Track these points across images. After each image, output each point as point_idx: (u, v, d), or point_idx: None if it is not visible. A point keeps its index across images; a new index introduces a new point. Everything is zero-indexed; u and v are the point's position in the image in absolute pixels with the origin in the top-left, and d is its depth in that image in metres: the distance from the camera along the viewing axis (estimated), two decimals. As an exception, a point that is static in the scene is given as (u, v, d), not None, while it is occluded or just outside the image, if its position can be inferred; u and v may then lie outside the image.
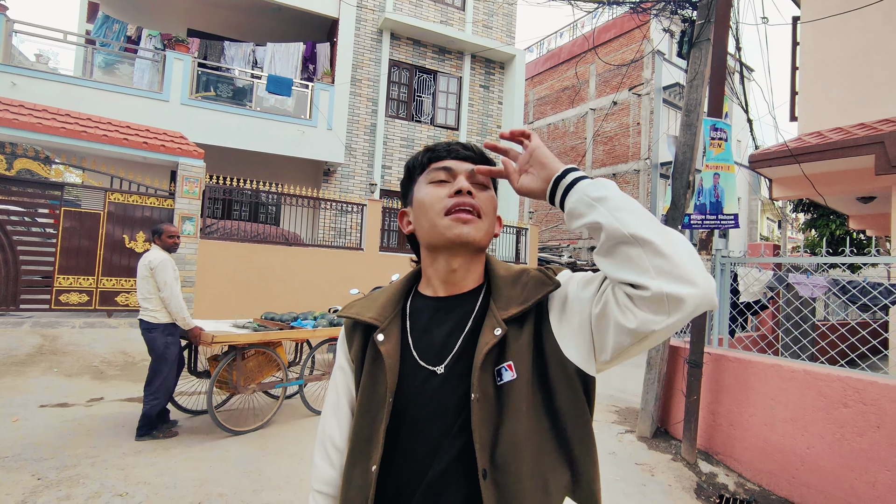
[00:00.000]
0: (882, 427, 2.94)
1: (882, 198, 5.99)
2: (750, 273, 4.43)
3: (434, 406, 0.77)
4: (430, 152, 0.88)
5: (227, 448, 3.55)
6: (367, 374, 0.83)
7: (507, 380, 0.74)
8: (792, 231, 22.57)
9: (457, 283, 0.85)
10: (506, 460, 0.71)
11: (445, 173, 0.85)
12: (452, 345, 0.80)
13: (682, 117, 4.64)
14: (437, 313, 0.84)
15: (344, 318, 0.89)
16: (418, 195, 0.86)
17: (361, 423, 0.81)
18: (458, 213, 0.80)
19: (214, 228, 7.52)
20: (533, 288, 0.79)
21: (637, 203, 0.70)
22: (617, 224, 0.66)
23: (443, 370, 0.79)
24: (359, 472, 0.79)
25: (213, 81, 9.01)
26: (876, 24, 5.42)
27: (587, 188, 0.71)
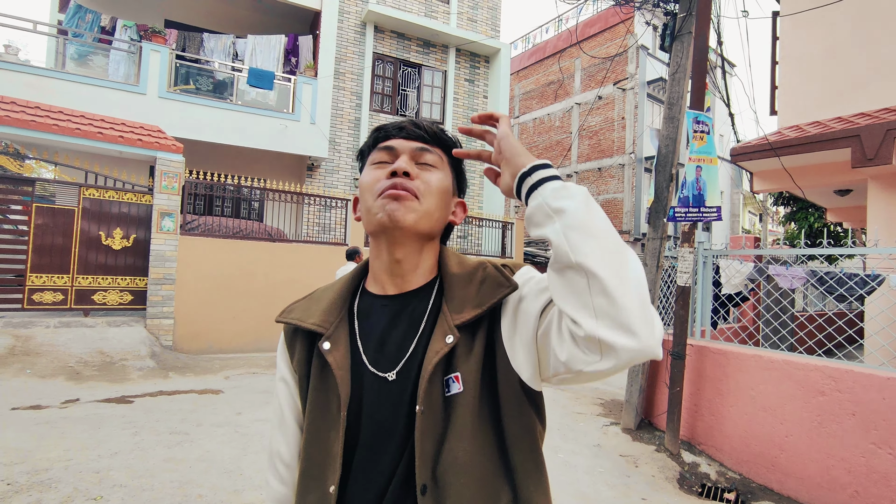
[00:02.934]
0: (857, 414, 2.99)
1: (858, 190, 6.11)
2: (731, 265, 4.48)
3: (388, 416, 0.71)
4: (378, 131, 0.81)
5: (209, 448, 3.49)
6: (315, 387, 0.75)
7: (454, 392, 0.69)
8: (772, 224, 23.01)
9: (404, 276, 0.77)
10: (447, 478, 0.66)
11: (388, 153, 0.78)
12: (405, 349, 0.74)
13: (665, 110, 4.66)
14: (387, 314, 0.77)
15: (283, 323, 0.80)
16: (361, 179, 0.80)
17: (312, 443, 0.74)
18: (389, 193, 0.73)
19: (195, 224, 7.37)
20: (488, 290, 0.73)
21: (600, 221, 0.61)
22: (566, 247, 0.59)
23: (394, 376, 0.72)
24: (316, 492, 0.72)
25: (192, 74, 8.81)
26: (852, 19, 5.50)
27: (549, 195, 0.63)
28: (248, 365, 6.47)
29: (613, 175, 16.28)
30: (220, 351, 7.11)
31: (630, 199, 15.68)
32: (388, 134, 0.80)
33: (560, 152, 18.04)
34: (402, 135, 0.79)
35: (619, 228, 15.79)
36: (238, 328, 7.28)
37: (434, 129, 0.82)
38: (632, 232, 15.48)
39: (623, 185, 15.91)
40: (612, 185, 16.28)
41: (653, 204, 4.71)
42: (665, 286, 4.99)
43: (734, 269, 4.51)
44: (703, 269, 4.43)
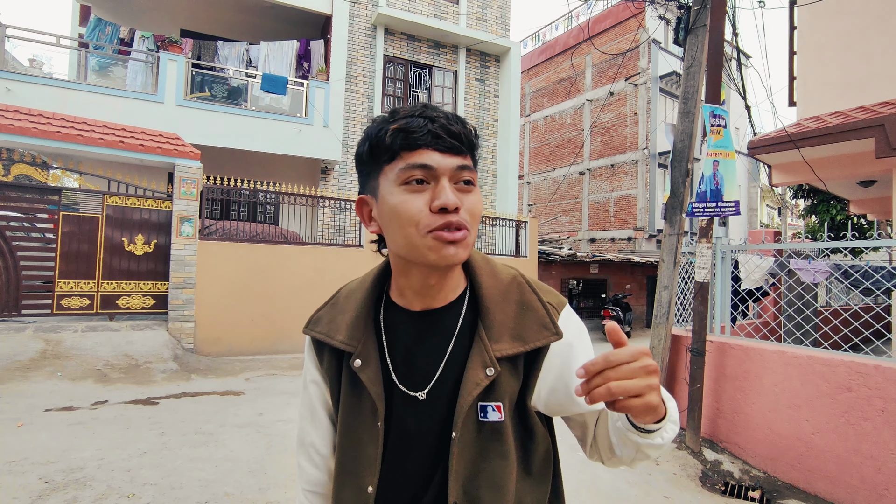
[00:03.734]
0: (887, 410, 2.93)
1: (883, 181, 5.97)
2: (751, 260, 4.42)
3: (418, 432, 0.73)
4: (403, 134, 0.66)
5: (233, 448, 3.56)
6: (347, 395, 0.77)
7: (493, 420, 0.71)
8: (792, 217, 22.54)
9: (434, 296, 0.74)
10: (479, 497, 0.70)
11: (423, 172, 0.65)
12: (434, 369, 0.73)
13: (680, 105, 4.61)
14: (416, 330, 0.75)
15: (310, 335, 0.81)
16: (389, 199, 0.68)
17: (347, 442, 0.77)
18: (444, 234, 0.65)
19: (213, 229, 7.51)
20: (532, 328, 0.72)
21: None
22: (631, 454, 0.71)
23: (424, 396, 0.73)
24: (350, 494, 0.76)
25: (207, 82, 8.98)
26: (873, 5, 5.37)
27: (645, 447, 0.68)
28: (268, 367, 6.57)
29: (627, 171, 16.12)
30: (239, 353, 7.23)
31: (644, 195, 15.51)
32: (419, 142, 0.66)
33: (572, 150, 17.93)
34: (437, 146, 0.66)
35: (634, 225, 15.64)
36: (257, 331, 7.39)
37: (469, 136, 0.70)
38: (646, 228, 15.32)
39: (637, 182, 15.75)
40: (626, 181, 16.13)
41: (669, 200, 4.67)
42: (683, 282, 4.94)
43: (754, 263, 4.45)
44: (722, 264, 4.37)
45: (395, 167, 0.67)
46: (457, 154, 0.67)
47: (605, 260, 13.03)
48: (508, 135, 11.80)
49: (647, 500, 3.17)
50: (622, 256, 13.42)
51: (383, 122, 0.69)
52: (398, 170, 0.66)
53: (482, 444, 0.71)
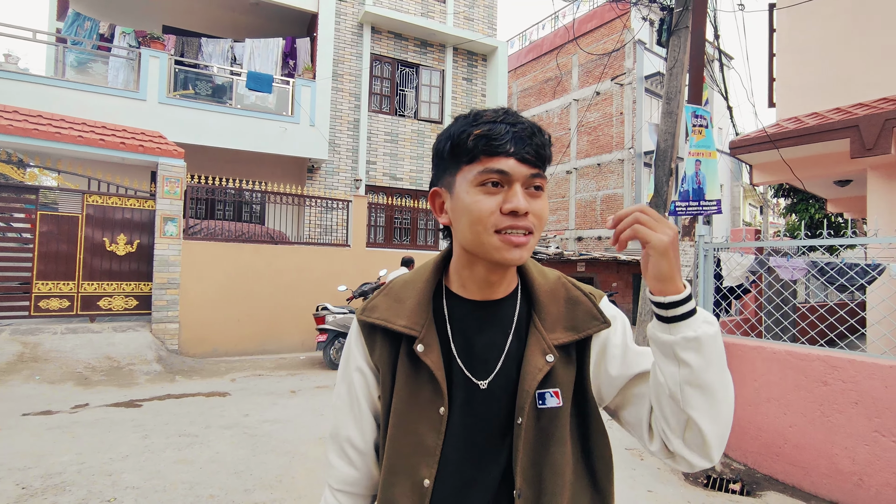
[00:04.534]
0: (860, 403, 3.02)
1: (858, 181, 6.12)
2: (732, 258, 4.50)
3: (479, 421, 0.76)
4: (485, 141, 0.70)
5: (219, 450, 3.53)
6: (405, 384, 0.77)
7: (552, 406, 0.75)
8: (773, 216, 23.00)
9: (494, 288, 0.79)
10: (544, 484, 0.73)
11: (500, 177, 0.70)
12: (496, 358, 0.77)
13: (663, 105, 4.69)
14: (476, 320, 0.79)
15: (368, 322, 0.80)
16: (464, 196, 0.72)
17: (402, 436, 0.76)
18: (511, 235, 0.70)
19: (198, 229, 7.42)
20: (583, 317, 0.78)
21: (716, 376, 0.67)
22: (679, 397, 0.67)
23: (486, 385, 0.76)
24: (403, 490, 0.75)
25: (191, 79, 8.85)
26: (849, 9, 5.51)
27: (679, 344, 0.66)
28: (254, 367, 6.52)
29: (613, 170, 16.29)
30: (225, 354, 7.16)
31: (630, 194, 15.68)
32: (500, 149, 0.70)
33: (559, 149, 18.05)
34: (515, 154, 0.70)
35: (620, 224, 15.79)
36: (242, 331, 7.32)
37: (546, 147, 0.74)
38: (632, 227, 15.47)
39: (623, 181, 15.92)
40: (612, 180, 16.29)
41: (653, 198, 4.74)
42: (667, 280, 5.00)
43: (735, 261, 4.53)
44: (704, 262, 4.44)
45: (473, 169, 0.71)
46: (534, 165, 0.72)
47: (591, 258, 13.16)
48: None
49: (631, 494, 3.22)
50: (609, 255, 13.56)
51: (466, 123, 0.73)
52: (476, 172, 0.71)
53: (542, 430, 0.74)
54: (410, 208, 9.87)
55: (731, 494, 3.29)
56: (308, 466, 3.32)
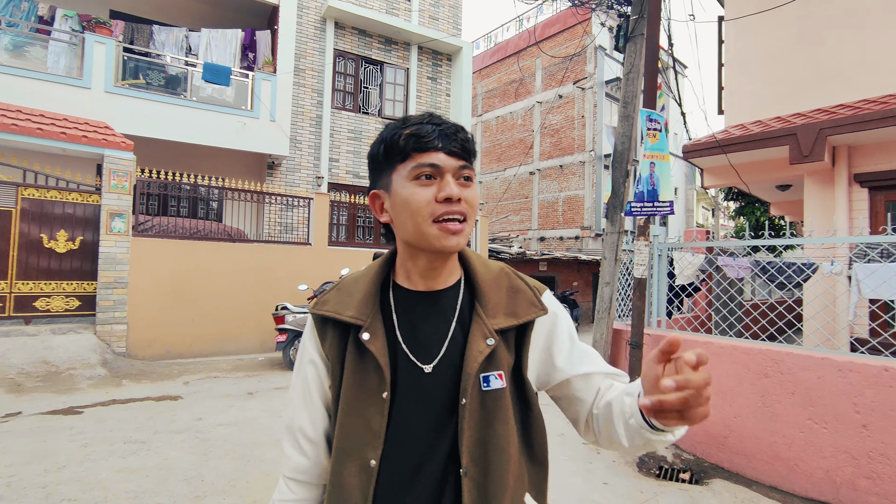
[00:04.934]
0: (796, 393, 3.21)
1: (797, 185, 6.53)
2: (684, 257, 4.69)
3: (424, 404, 0.80)
4: (415, 139, 0.77)
5: (167, 455, 3.37)
6: (352, 371, 0.81)
7: (496, 387, 0.80)
8: (724, 218, 24.21)
9: (437, 278, 0.84)
10: (490, 461, 0.78)
11: (432, 169, 0.77)
12: (439, 343, 0.82)
13: (620, 109, 4.83)
14: (421, 308, 0.84)
15: (319, 315, 0.85)
16: (401, 192, 0.78)
17: (350, 421, 0.80)
18: (447, 223, 0.76)
19: (149, 225, 7.07)
20: (523, 305, 0.84)
21: None
22: (640, 443, 0.76)
23: (431, 369, 0.80)
24: (352, 471, 0.79)
25: (142, 68, 8.41)
26: (789, 25, 5.86)
27: (657, 442, 0.74)
28: (209, 369, 6.27)
29: (574, 172, 16.69)
30: (178, 356, 6.86)
31: (591, 195, 16.12)
32: (428, 144, 0.77)
33: (522, 150, 18.33)
34: (443, 149, 0.77)
35: (581, 224, 16.22)
36: (198, 332, 7.04)
37: (470, 142, 0.81)
38: (593, 227, 15.93)
39: (584, 182, 16.34)
40: (574, 181, 16.69)
41: (610, 199, 4.88)
42: (623, 278, 5.18)
43: (686, 260, 4.73)
44: (658, 261, 4.62)
45: (407, 165, 0.78)
46: (461, 157, 0.79)
47: (553, 258, 13.44)
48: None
49: (587, 486, 3.31)
50: (570, 255, 13.89)
51: (396, 126, 0.80)
52: (410, 167, 0.77)
53: (486, 410, 0.79)
54: (374, 207, 9.76)
55: (682, 483, 3.43)
56: (264, 470, 3.22)
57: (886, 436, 2.81)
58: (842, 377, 3.01)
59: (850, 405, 2.96)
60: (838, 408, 3.01)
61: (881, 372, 2.85)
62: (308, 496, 0.87)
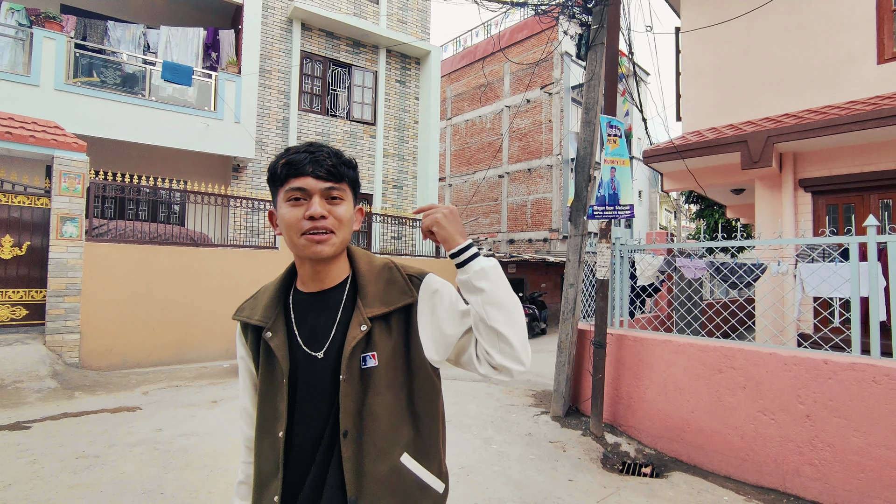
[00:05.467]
0: (747, 387, 3.39)
1: (749, 190, 6.87)
2: (645, 259, 4.87)
3: (318, 383, 0.96)
4: (290, 167, 0.93)
5: (124, 469, 3.24)
6: (263, 363, 1.00)
7: (370, 366, 0.96)
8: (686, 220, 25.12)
9: (323, 280, 1.01)
10: (365, 426, 0.94)
11: (301, 192, 0.93)
12: (328, 333, 0.98)
13: (582, 115, 4.97)
14: (312, 307, 1.01)
15: (238, 320, 1.04)
16: (280, 211, 0.96)
17: (264, 403, 0.99)
18: (312, 236, 0.93)
19: (104, 230, 6.78)
20: (395, 294, 1.00)
21: (504, 294, 0.96)
22: (484, 315, 0.94)
23: (322, 355, 0.97)
24: (268, 443, 0.97)
25: (96, 66, 8.07)
26: (740, 36, 6.18)
27: (473, 276, 0.96)
28: (171, 378, 6.06)
29: (542, 176, 16.99)
30: (136, 365, 6.59)
31: (558, 198, 16.44)
32: (299, 171, 0.92)
33: (491, 153, 18.54)
34: (312, 174, 0.92)
35: (549, 227, 16.52)
36: (158, 340, 6.79)
37: (338, 167, 0.95)
38: (560, 230, 16.25)
39: (552, 186, 16.65)
40: (542, 185, 16.99)
41: (573, 203, 5.01)
42: (587, 280, 5.32)
43: (647, 262, 4.91)
44: (620, 263, 4.77)
45: (283, 189, 0.95)
46: (327, 180, 0.94)
47: (522, 260, 13.63)
48: (429, 137, 11.93)
49: (553, 484, 3.38)
50: (538, 257, 14.12)
51: (278, 157, 0.96)
52: (285, 191, 0.94)
53: (363, 384, 0.95)
54: (342, 210, 9.64)
55: (643, 477, 3.55)
56: (228, 479, 3.15)
57: (827, 425, 3.00)
58: (787, 371, 3.19)
59: (795, 397, 3.14)
60: (784, 400, 3.19)
61: (821, 364, 3.04)
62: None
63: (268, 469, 0.97)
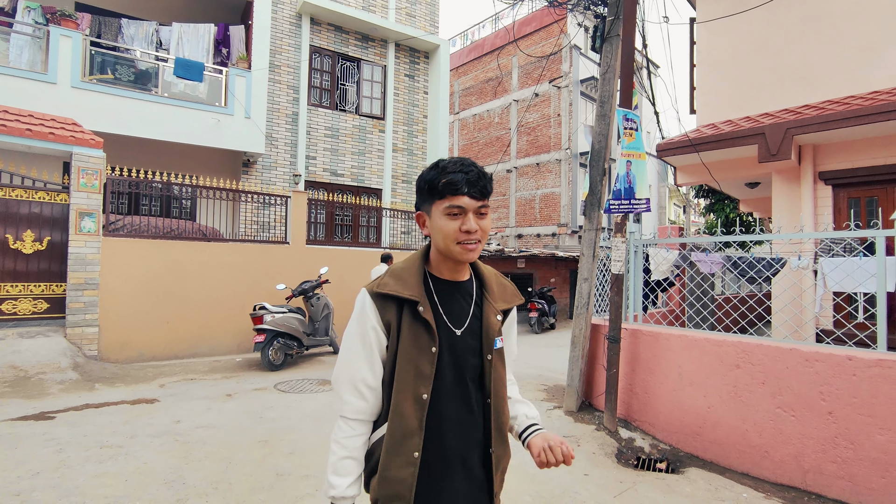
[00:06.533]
0: (766, 383, 3.36)
1: (765, 183, 6.78)
2: (659, 253, 4.83)
3: (458, 354, 1.18)
4: (449, 186, 1.11)
5: (146, 459, 3.30)
6: (408, 332, 1.14)
7: (499, 347, 1.24)
8: (695, 215, 24.88)
9: (458, 273, 1.25)
10: (497, 391, 1.22)
11: (459, 210, 1.12)
12: (465, 315, 1.22)
13: (597, 108, 4.93)
14: (452, 292, 1.23)
15: (380, 293, 1.16)
16: (436, 220, 1.15)
17: (405, 367, 1.13)
18: (466, 245, 1.14)
19: (120, 225, 6.86)
20: (510, 295, 1.31)
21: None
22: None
23: (460, 332, 1.20)
24: (409, 403, 1.12)
25: (109, 63, 8.14)
26: (758, 27, 6.07)
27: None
28: (186, 371, 6.14)
29: (551, 170, 16.89)
30: (152, 358, 6.69)
31: (567, 193, 16.35)
32: (457, 191, 1.11)
33: (500, 148, 18.46)
34: (468, 194, 1.12)
35: (557, 221, 16.44)
36: (173, 333, 6.88)
37: (487, 186, 1.15)
38: (569, 225, 16.17)
39: (560, 180, 16.56)
40: (550, 179, 16.90)
41: (588, 197, 4.98)
42: (601, 274, 5.29)
43: (662, 256, 4.87)
44: (635, 257, 4.74)
45: (442, 203, 1.14)
46: (480, 199, 1.14)
47: (531, 255, 13.58)
48: (437, 131, 11.90)
49: (569, 478, 3.38)
50: (547, 251, 14.06)
51: (437, 173, 1.14)
52: (444, 206, 1.14)
53: (496, 362, 1.22)
54: (352, 205, 9.68)
55: (659, 473, 3.55)
56: (246, 471, 3.19)
57: (850, 422, 2.97)
58: (808, 367, 3.16)
59: (817, 393, 3.11)
60: (805, 396, 3.16)
61: (845, 361, 3.01)
62: (364, 430, 1.18)
63: (409, 427, 1.11)
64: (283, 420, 4.28)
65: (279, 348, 6.45)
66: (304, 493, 2.92)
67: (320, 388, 5.50)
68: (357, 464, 1.16)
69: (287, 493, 2.92)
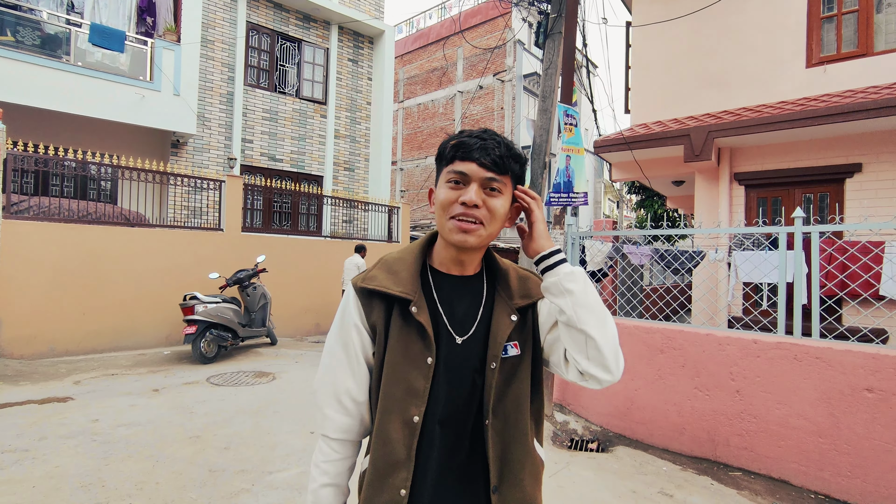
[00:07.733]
0: (686, 366, 3.65)
1: (689, 182, 7.30)
2: (594, 245, 5.08)
3: (458, 368, 0.94)
4: (458, 149, 0.92)
5: (58, 462, 3.03)
6: (398, 338, 0.92)
7: (513, 355, 0.96)
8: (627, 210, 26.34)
9: (465, 266, 1.00)
10: (508, 414, 0.95)
11: (461, 176, 0.91)
12: (472, 318, 0.97)
13: (539, 103, 5.07)
14: (456, 290, 0.99)
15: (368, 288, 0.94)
16: (438, 190, 0.94)
17: (395, 380, 0.91)
18: (460, 222, 0.90)
19: (24, 207, 6.17)
20: (533, 287, 1.01)
21: (594, 299, 0.89)
22: (575, 317, 0.87)
23: (464, 338, 0.95)
24: (396, 426, 0.90)
25: (10, 23, 7.24)
26: (686, 34, 6.49)
27: (563, 278, 0.89)
28: (106, 366, 5.68)
29: (495, 163, 17.16)
30: (66, 353, 6.12)
31: (510, 185, 16.70)
32: (466, 155, 0.91)
33: (444, 138, 18.46)
34: (477, 160, 0.90)
35: (501, 213, 16.77)
36: (90, 326, 6.33)
37: (505, 158, 0.92)
38: (511, 217, 16.54)
39: (503, 173, 16.86)
40: (494, 172, 17.17)
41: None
42: (540, 265, 5.47)
43: (597, 248, 5.12)
44: (572, 248, 4.95)
45: (447, 169, 0.93)
46: (490, 170, 0.90)
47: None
48: (381, 119, 11.71)
49: (507, 461, 3.50)
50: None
51: (451, 137, 0.96)
52: (447, 171, 0.93)
53: (506, 373, 0.95)
54: (291, 192, 9.32)
55: (590, 452, 3.76)
56: (176, 469, 3.02)
57: (754, 398, 3.30)
58: (721, 350, 3.47)
59: (728, 374, 3.43)
60: (718, 376, 3.47)
61: (751, 344, 3.33)
62: (350, 453, 0.99)
63: (394, 457, 0.90)
64: (216, 415, 4.08)
65: (212, 340, 6.12)
66: (239, 489, 2.82)
67: (257, 380, 5.30)
68: (340, 493, 0.97)
69: (221, 490, 2.80)
